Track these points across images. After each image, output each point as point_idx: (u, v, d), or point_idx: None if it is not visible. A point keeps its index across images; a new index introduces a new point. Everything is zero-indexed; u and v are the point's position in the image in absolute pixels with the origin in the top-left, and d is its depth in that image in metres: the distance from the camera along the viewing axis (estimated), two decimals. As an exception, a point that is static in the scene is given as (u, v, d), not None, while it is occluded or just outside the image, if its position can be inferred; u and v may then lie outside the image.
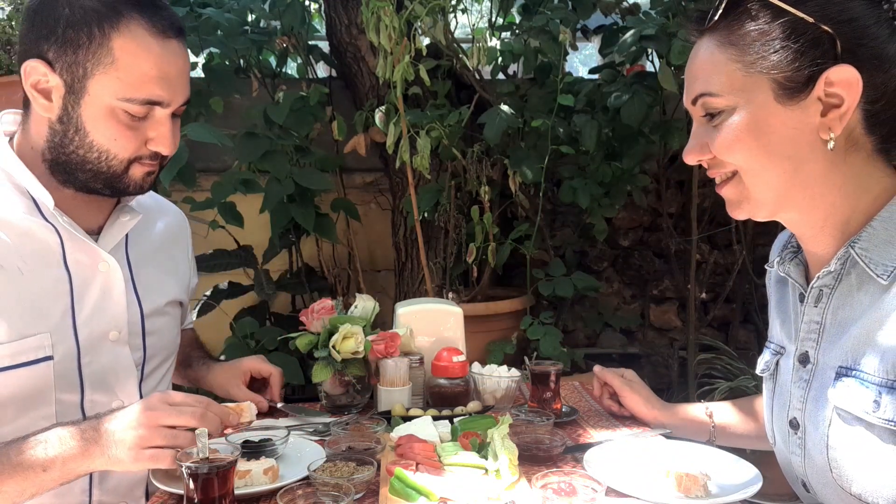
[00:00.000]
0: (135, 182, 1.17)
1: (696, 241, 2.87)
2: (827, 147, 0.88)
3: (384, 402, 1.39)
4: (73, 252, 1.16)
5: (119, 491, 1.21)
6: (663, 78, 2.29)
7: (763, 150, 0.90)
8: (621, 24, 2.74)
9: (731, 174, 0.95)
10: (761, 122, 0.89)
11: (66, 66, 1.09)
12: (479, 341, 2.50)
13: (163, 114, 1.14)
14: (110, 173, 1.14)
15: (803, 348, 0.98)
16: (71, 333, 1.14)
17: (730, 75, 0.90)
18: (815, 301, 0.97)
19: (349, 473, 1.00)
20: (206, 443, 0.94)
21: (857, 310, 0.90)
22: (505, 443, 1.04)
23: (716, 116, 0.93)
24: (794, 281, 1.02)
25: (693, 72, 0.96)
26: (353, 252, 2.93)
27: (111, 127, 1.11)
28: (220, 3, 2.70)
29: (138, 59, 1.09)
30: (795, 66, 0.87)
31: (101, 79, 1.09)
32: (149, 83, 1.10)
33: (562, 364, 1.42)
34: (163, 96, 1.12)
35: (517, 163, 2.49)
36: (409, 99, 2.53)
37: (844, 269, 0.93)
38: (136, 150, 1.14)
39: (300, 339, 1.43)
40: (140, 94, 1.10)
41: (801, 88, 0.87)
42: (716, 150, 0.94)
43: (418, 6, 2.23)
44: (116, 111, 1.10)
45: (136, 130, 1.13)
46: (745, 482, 1.02)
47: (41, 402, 1.12)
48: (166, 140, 1.15)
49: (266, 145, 2.44)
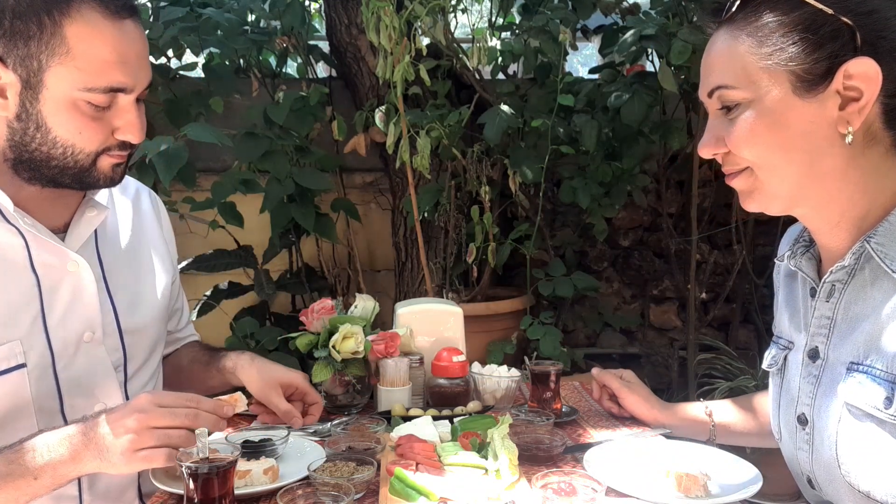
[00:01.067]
0: (104, 175, 1.11)
1: (696, 241, 2.87)
2: (845, 141, 0.86)
3: (384, 402, 1.39)
4: (39, 254, 1.11)
5: (110, 494, 1.19)
6: (663, 78, 2.29)
7: (779, 145, 0.89)
8: (621, 24, 2.74)
9: (744, 168, 0.94)
10: (778, 115, 0.88)
11: (18, 60, 1.01)
12: (479, 341, 2.50)
13: (127, 100, 1.07)
14: (77, 168, 1.08)
15: (813, 343, 0.97)
16: (43, 339, 1.10)
17: (746, 67, 0.89)
18: (826, 296, 0.95)
19: (349, 473, 1.00)
20: (206, 443, 0.94)
21: (869, 305, 0.89)
22: (505, 443, 1.04)
23: (732, 109, 0.91)
24: (806, 275, 1.00)
25: (709, 64, 0.94)
26: (353, 252, 2.93)
27: (74, 120, 1.04)
28: (220, 3, 2.70)
29: (95, 45, 1.02)
30: (814, 57, 0.85)
31: (57, 70, 1.02)
32: (109, 69, 1.03)
33: (562, 364, 1.42)
34: (125, 82, 1.05)
35: (517, 163, 2.49)
36: (409, 99, 2.53)
37: (858, 264, 0.91)
38: (104, 142, 1.08)
39: (300, 339, 1.43)
40: (101, 81, 1.03)
41: (820, 81, 0.86)
42: (731, 145, 0.92)
43: (418, 6, 2.23)
44: (78, 103, 1.04)
45: (101, 121, 1.07)
46: (745, 482, 1.02)
47: (20, 412, 1.08)
48: (134, 127, 1.09)
49: (266, 145, 2.44)
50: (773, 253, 1.16)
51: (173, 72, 2.72)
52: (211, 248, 2.70)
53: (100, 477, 1.15)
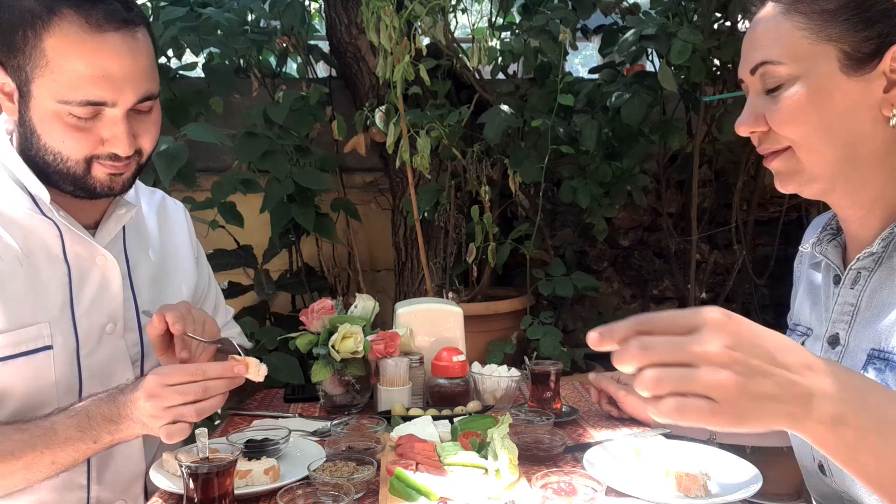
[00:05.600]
0: (101, 183, 1.12)
1: (696, 241, 2.87)
2: (889, 124, 0.86)
3: (384, 401, 1.39)
4: (71, 245, 1.16)
5: (117, 486, 1.21)
6: (663, 78, 2.29)
7: (823, 123, 0.88)
8: (621, 23, 2.74)
9: (784, 148, 0.92)
10: (824, 93, 0.87)
11: (13, 70, 1.06)
12: (479, 341, 2.50)
13: (114, 114, 1.07)
14: (71, 174, 1.10)
15: (834, 330, 0.97)
16: (70, 325, 1.15)
17: (795, 43, 0.88)
18: (851, 283, 0.95)
19: (349, 473, 1.00)
20: (206, 443, 0.94)
21: (895, 293, 0.88)
22: (505, 443, 1.04)
23: (775, 89, 0.90)
24: (831, 262, 1.00)
25: (754, 39, 0.93)
26: (353, 252, 2.93)
27: (58, 129, 1.06)
28: (220, 3, 2.69)
29: (70, 59, 1.02)
30: (864, 35, 0.85)
31: (39, 82, 1.04)
32: (84, 84, 1.03)
33: (562, 364, 1.42)
34: (103, 96, 1.05)
35: (517, 163, 2.49)
36: (409, 99, 2.53)
37: (886, 252, 0.91)
38: (91, 150, 1.09)
39: (300, 338, 1.43)
40: (76, 95, 1.04)
41: (868, 60, 0.85)
42: (774, 123, 0.91)
43: (418, 6, 2.23)
44: (60, 113, 1.05)
45: (86, 131, 1.07)
46: (745, 482, 1.02)
47: (43, 393, 1.12)
48: (120, 141, 1.08)
49: (266, 145, 2.44)
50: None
51: (173, 72, 2.71)
52: (211, 247, 2.69)
53: (108, 468, 1.20)
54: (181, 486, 0.93)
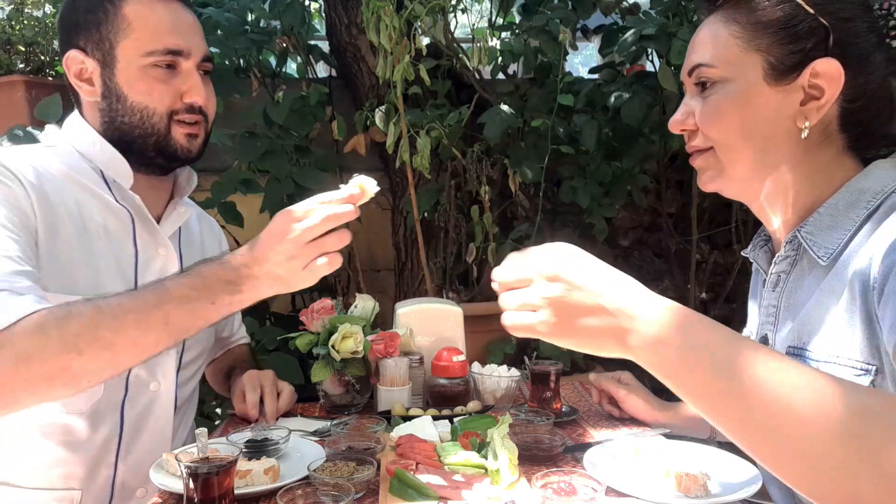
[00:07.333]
0: (181, 146, 1.25)
1: (696, 241, 2.87)
2: (801, 135, 0.91)
3: (384, 401, 1.39)
4: (141, 231, 1.28)
5: (140, 470, 1.23)
6: (663, 78, 2.28)
7: (742, 127, 0.93)
8: (621, 23, 2.74)
9: (707, 148, 0.98)
10: (747, 97, 0.92)
11: (95, 46, 1.21)
12: (479, 341, 2.50)
13: (188, 65, 1.24)
14: (155, 133, 1.23)
15: (763, 331, 1.03)
16: None
17: (728, 49, 0.94)
18: (773, 286, 1.01)
19: (349, 473, 1.00)
20: (206, 442, 0.94)
21: (805, 293, 0.94)
22: (505, 442, 1.04)
23: (707, 88, 0.96)
24: (759, 267, 1.07)
25: (695, 43, 0.99)
26: (353, 252, 2.93)
27: (145, 83, 1.21)
28: (220, 2, 2.69)
29: (149, 17, 1.21)
30: (789, 48, 0.90)
31: (124, 44, 1.21)
32: (163, 34, 1.21)
33: (562, 364, 1.43)
34: (179, 44, 1.22)
35: (517, 163, 2.49)
36: (409, 99, 2.53)
37: (798, 255, 0.97)
38: (172, 103, 1.23)
39: (300, 338, 1.43)
40: (158, 44, 1.21)
41: (789, 72, 0.90)
42: (699, 121, 0.97)
43: (418, 6, 2.23)
44: (146, 68, 1.21)
45: (168, 84, 1.22)
46: (745, 482, 1.02)
47: None
48: (199, 89, 1.24)
49: (266, 145, 2.44)
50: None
51: (173, 71, 2.71)
52: (211, 247, 2.70)
53: (135, 446, 1.26)
54: (181, 485, 0.93)
